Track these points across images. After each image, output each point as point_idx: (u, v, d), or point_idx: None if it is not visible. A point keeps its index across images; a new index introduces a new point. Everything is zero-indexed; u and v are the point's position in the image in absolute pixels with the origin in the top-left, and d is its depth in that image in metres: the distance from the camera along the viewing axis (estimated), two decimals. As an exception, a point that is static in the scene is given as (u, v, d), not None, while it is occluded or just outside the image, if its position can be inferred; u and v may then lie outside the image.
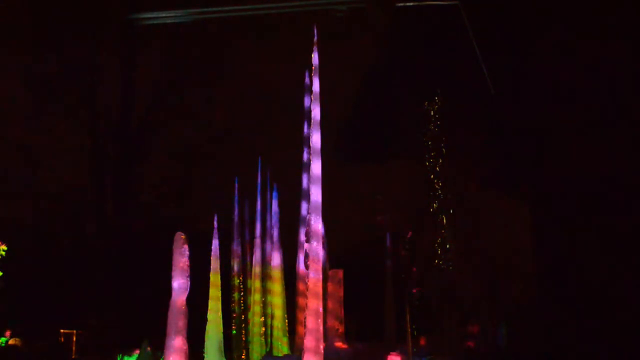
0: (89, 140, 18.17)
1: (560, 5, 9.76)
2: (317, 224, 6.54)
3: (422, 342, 11.43)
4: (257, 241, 11.90)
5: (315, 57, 7.06)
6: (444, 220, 12.47)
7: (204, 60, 18.99)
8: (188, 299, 7.14)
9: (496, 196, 12.72)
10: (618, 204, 8.90)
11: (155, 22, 16.43)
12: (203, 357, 10.25)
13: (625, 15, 8.99)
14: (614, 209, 8.93)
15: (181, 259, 7.14)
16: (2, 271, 13.06)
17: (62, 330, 13.71)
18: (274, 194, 12.11)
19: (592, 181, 9.21)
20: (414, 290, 12.42)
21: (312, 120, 6.81)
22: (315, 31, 7.11)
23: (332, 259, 11.35)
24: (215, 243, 10.78)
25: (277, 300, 11.57)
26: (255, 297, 11.60)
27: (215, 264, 10.72)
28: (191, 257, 7.21)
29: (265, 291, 11.69)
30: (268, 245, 11.90)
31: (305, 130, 10.82)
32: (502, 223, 12.55)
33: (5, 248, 13.02)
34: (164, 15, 16.02)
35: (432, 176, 12.70)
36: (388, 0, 12.59)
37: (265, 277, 11.72)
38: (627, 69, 8.94)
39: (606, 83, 9.17)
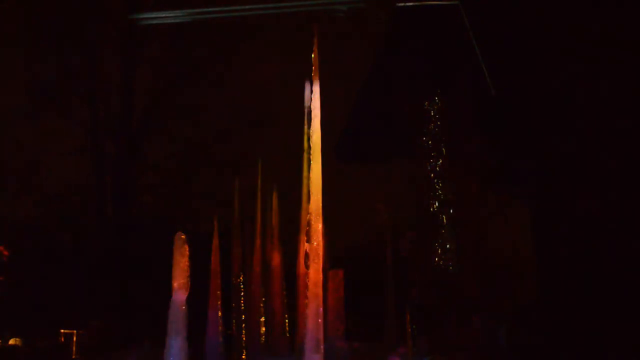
0: (89, 140, 18.18)
1: (560, 5, 9.77)
2: (317, 224, 6.53)
3: (422, 342, 11.42)
4: (257, 241, 11.89)
5: (315, 57, 7.05)
6: (444, 220, 12.46)
7: (204, 61, 19.01)
8: (188, 299, 7.14)
9: (496, 196, 12.72)
10: (619, 204, 8.90)
11: (155, 22, 16.45)
12: (203, 357, 10.25)
13: (625, 15, 8.99)
14: (615, 208, 8.93)
15: (181, 259, 7.14)
16: (3, 275, 13.08)
17: (62, 330, 13.70)
18: (274, 193, 12.11)
19: (593, 181, 9.21)
20: (414, 290, 12.42)
21: (312, 120, 6.81)
22: (315, 31, 7.10)
23: (332, 259, 11.34)
24: (215, 243, 10.79)
25: (277, 300, 11.57)
26: (255, 297, 11.60)
27: (215, 264, 10.72)
28: (191, 257, 7.21)
29: (265, 291, 11.69)
30: (268, 245, 11.90)
31: (305, 130, 10.81)
32: (502, 223, 12.55)
33: (7, 253, 13.05)
34: (164, 15, 16.04)
35: (432, 176, 12.70)
36: (388, 0, 12.60)
37: (265, 277, 11.72)
38: (629, 68, 8.95)
39: (608, 83, 9.17)
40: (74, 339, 13.47)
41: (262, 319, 11.57)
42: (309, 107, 7.48)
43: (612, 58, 9.08)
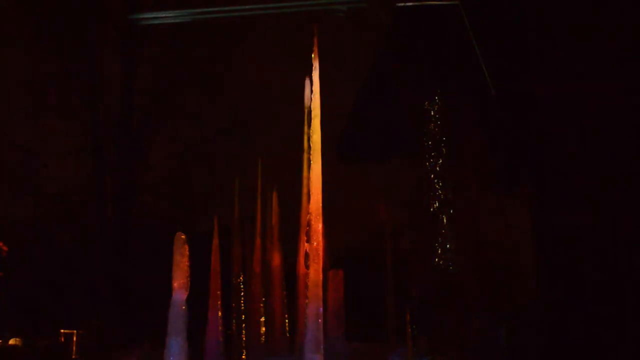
0: (89, 140, 18.18)
1: (561, 5, 9.76)
2: (317, 224, 6.54)
3: (422, 342, 11.42)
4: (257, 241, 11.90)
5: (315, 57, 7.06)
6: (444, 220, 12.45)
7: (205, 61, 19.02)
8: (188, 299, 7.14)
9: (496, 196, 12.71)
10: (619, 204, 8.89)
11: (155, 22, 16.45)
12: (203, 357, 10.25)
13: (627, 15, 8.99)
14: (615, 208, 8.92)
15: (181, 259, 7.15)
16: (2, 271, 13.07)
17: (62, 330, 13.71)
18: (274, 193, 12.12)
19: (593, 181, 9.21)
20: (414, 290, 12.42)
21: (312, 120, 6.81)
22: (315, 31, 7.11)
23: (332, 259, 11.34)
24: (215, 243, 10.80)
25: (277, 300, 11.58)
26: (255, 297, 11.61)
27: (215, 264, 10.73)
28: (191, 257, 7.21)
29: (265, 291, 11.69)
30: (268, 245, 11.91)
31: (305, 130, 10.82)
32: (502, 223, 12.54)
33: (6, 249, 13.05)
34: (164, 15, 16.04)
35: (432, 176, 12.69)
36: (388, 0, 12.59)
37: (265, 276, 11.73)
38: (631, 68, 8.94)
39: (609, 82, 9.17)
40: (74, 339, 13.47)
41: (262, 319, 11.57)
42: (309, 107, 7.49)
43: (614, 58, 9.08)
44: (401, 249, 13.15)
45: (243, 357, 11.51)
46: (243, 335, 11.64)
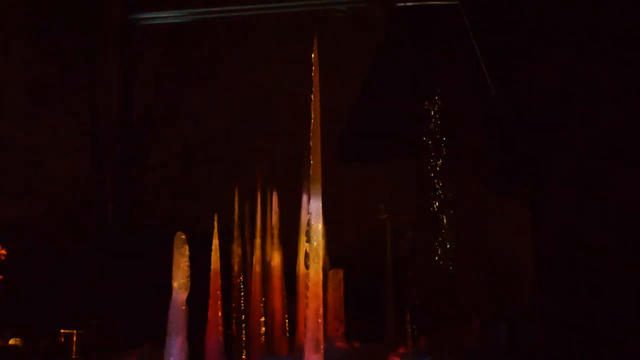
0: (89, 140, 18.19)
1: (561, 5, 9.76)
2: (317, 224, 6.54)
3: (422, 342, 11.43)
4: (257, 241, 11.90)
5: (315, 57, 7.06)
6: (444, 220, 12.46)
7: (205, 61, 19.02)
8: (188, 299, 7.15)
9: (496, 196, 12.72)
10: (619, 204, 8.90)
11: (155, 22, 16.46)
12: (203, 357, 10.25)
13: (628, 15, 8.99)
14: (615, 209, 8.93)
15: (181, 259, 7.15)
16: (2, 274, 13.07)
17: (62, 330, 13.70)
18: (274, 193, 12.12)
19: (593, 181, 9.21)
20: (414, 290, 12.41)
21: (312, 120, 6.81)
22: (315, 31, 7.11)
23: (332, 259, 11.35)
24: (215, 243, 10.79)
25: (277, 300, 11.58)
26: (255, 297, 11.61)
27: (215, 264, 10.73)
28: (191, 257, 7.22)
29: (265, 291, 11.70)
30: (268, 245, 11.91)
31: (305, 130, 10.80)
32: (502, 223, 12.54)
33: (4, 252, 13.03)
34: (164, 15, 16.05)
35: (432, 175, 12.69)
36: (388, 0, 12.60)
37: (265, 277, 11.73)
38: (632, 68, 8.95)
39: (607, 83, 9.17)
40: (74, 339, 13.47)
41: (262, 319, 11.58)
42: (309, 107, 7.49)
43: (615, 59, 9.08)
44: (401, 248, 13.15)
45: (243, 357, 11.51)
46: (243, 335, 11.64)
